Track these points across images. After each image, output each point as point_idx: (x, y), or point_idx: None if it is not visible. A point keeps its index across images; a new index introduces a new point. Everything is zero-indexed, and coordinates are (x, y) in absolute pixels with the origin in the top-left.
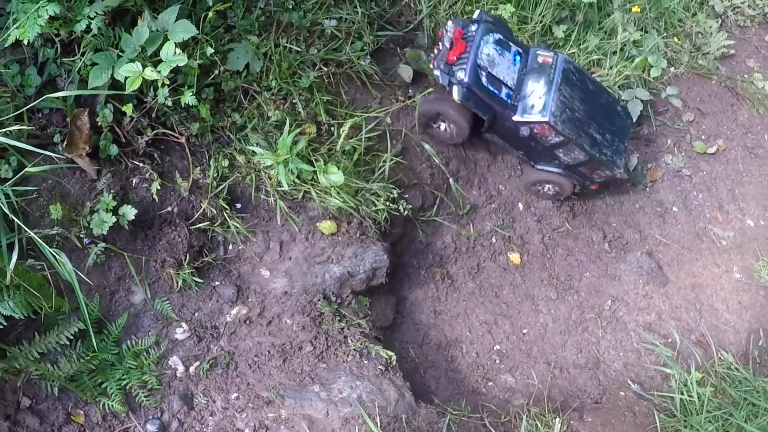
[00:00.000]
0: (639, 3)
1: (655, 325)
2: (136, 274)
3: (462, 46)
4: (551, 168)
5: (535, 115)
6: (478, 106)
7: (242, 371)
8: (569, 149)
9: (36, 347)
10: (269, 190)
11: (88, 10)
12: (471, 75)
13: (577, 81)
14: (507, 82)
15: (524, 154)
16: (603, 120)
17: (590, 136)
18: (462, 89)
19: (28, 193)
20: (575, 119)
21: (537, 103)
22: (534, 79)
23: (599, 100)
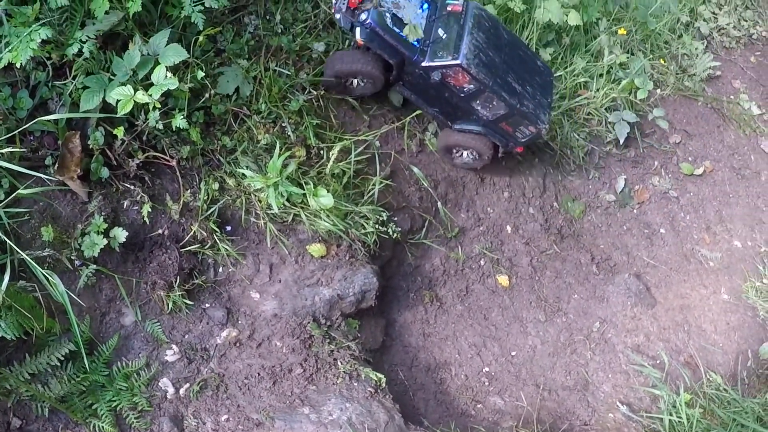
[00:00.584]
0: (625, 25)
1: (643, 347)
2: (127, 296)
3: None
4: (470, 126)
5: (446, 59)
6: (384, 48)
7: (232, 393)
8: (487, 100)
9: (27, 368)
10: (259, 213)
11: (80, 34)
12: (374, 15)
13: (490, 29)
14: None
15: (440, 111)
16: (522, 72)
17: (509, 84)
18: (365, 29)
19: (20, 215)
20: (490, 65)
21: (448, 46)
22: (443, 25)
23: (516, 51)
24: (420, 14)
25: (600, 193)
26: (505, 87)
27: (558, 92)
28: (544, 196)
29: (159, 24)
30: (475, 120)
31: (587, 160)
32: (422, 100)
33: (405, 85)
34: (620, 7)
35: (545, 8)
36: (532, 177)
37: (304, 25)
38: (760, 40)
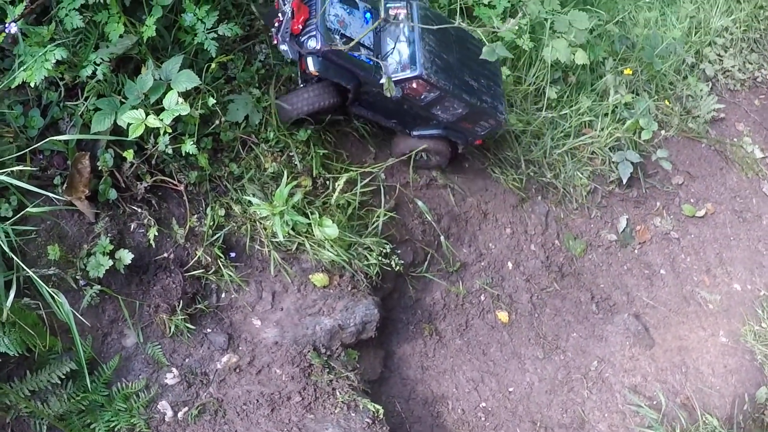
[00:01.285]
0: (631, 65)
1: (640, 387)
2: (130, 317)
3: (305, 12)
4: (429, 131)
5: (404, 73)
6: (340, 75)
7: (230, 419)
8: (447, 104)
9: (27, 385)
10: (264, 240)
11: (94, 56)
12: (323, 40)
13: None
14: (365, 43)
15: (398, 123)
16: (474, 65)
17: (466, 83)
18: (317, 59)
19: (27, 233)
20: (447, 68)
21: (403, 58)
22: (392, 34)
23: (465, 44)
24: (366, 27)
25: (602, 232)
26: (463, 87)
27: (563, 130)
28: (546, 233)
29: (172, 49)
30: (435, 124)
31: (590, 198)
32: (380, 115)
33: (362, 105)
34: (626, 48)
35: (553, 47)
36: (534, 214)
37: None
38: (765, 83)
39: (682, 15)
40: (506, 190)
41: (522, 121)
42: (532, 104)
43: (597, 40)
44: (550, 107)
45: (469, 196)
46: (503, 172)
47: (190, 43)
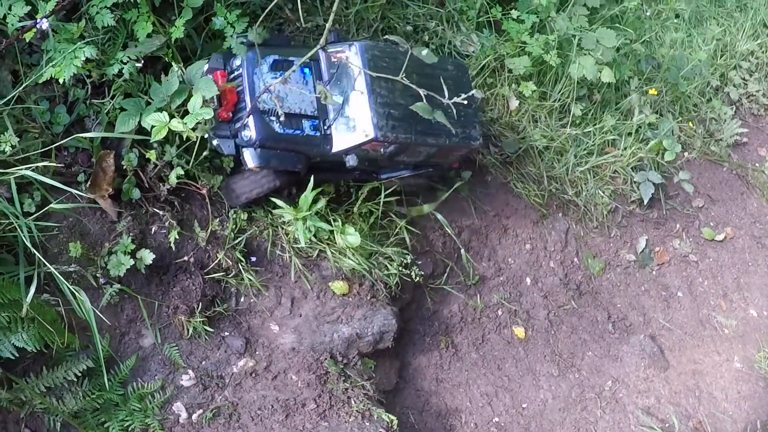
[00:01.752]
0: (656, 86)
1: (653, 409)
2: (148, 318)
3: (233, 95)
4: (398, 173)
5: (357, 137)
6: (285, 160)
7: (244, 423)
8: (412, 151)
9: (43, 381)
10: (285, 246)
11: (122, 55)
12: (259, 128)
13: (389, 65)
14: (307, 112)
15: (362, 174)
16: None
17: (430, 125)
18: (255, 152)
19: (49, 229)
20: (405, 117)
21: (353, 119)
22: (337, 86)
23: (424, 71)
24: (306, 89)
25: (621, 251)
26: (427, 131)
27: (586, 148)
28: (565, 250)
29: (200, 52)
30: (403, 167)
31: (610, 218)
32: (341, 173)
33: (320, 171)
34: (652, 68)
35: (580, 64)
36: (554, 231)
37: None
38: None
39: (709, 37)
40: (527, 205)
41: (546, 137)
42: (557, 120)
43: (623, 59)
44: (575, 124)
45: (491, 210)
46: (525, 188)
47: (218, 46)
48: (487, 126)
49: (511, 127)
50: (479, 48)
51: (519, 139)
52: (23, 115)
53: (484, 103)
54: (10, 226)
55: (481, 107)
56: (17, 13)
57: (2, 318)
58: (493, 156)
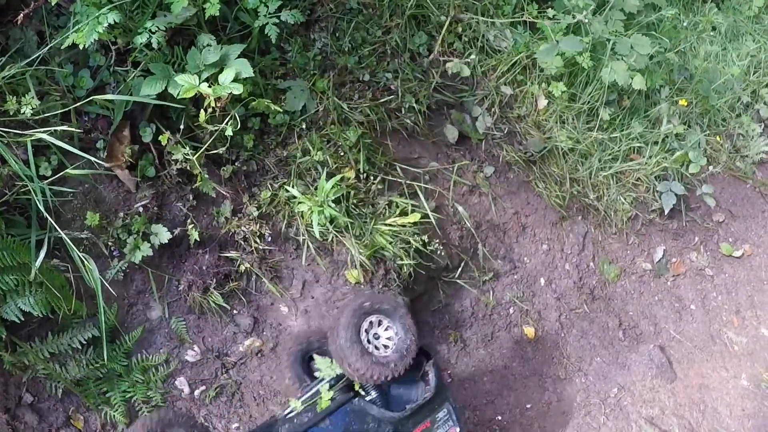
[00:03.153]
0: (687, 97)
1: (657, 419)
2: (157, 291)
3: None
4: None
5: None
6: None
7: (246, 402)
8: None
9: (47, 347)
10: (300, 228)
11: (150, 24)
12: None
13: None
14: None
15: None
16: None
17: None
18: None
19: (63, 194)
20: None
21: None
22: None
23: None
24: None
25: (637, 259)
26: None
27: (611, 153)
28: (581, 254)
29: (230, 29)
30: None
31: (630, 225)
32: None
33: None
34: (684, 78)
35: (612, 68)
36: (572, 233)
37: (372, 48)
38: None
39: (744, 53)
40: (548, 205)
41: (572, 139)
42: (584, 123)
43: (656, 67)
44: (602, 128)
45: (511, 207)
46: (547, 188)
47: (248, 24)
48: (514, 123)
49: (538, 126)
50: (512, 44)
51: (545, 138)
52: (46, 77)
53: (513, 99)
54: (24, 189)
55: None
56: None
57: (10, 280)
58: (517, 153)
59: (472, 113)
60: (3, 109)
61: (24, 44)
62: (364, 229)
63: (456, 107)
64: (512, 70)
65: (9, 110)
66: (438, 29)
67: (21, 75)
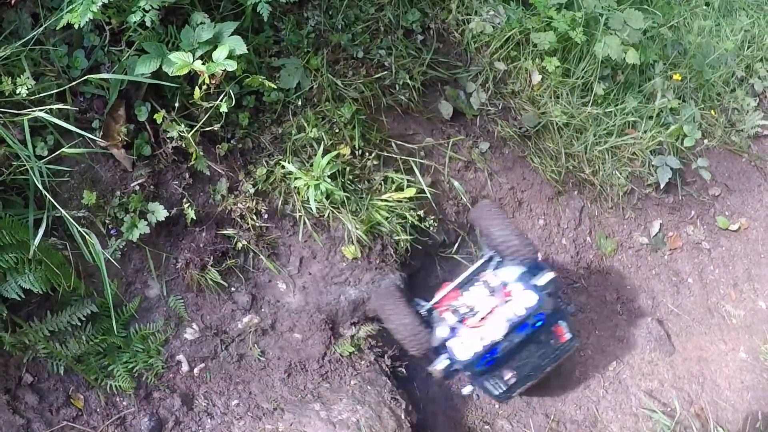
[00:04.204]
0: (681, 71)
1: (656, 392)
2: (155, 269)
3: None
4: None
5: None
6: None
7: (246, 380)
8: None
9: (47, 325)
10: (297, 204)
11: (144, 3)
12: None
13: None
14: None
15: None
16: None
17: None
18: (450, 370)
19: (60, 174)
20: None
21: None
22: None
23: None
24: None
25: (634, 234)
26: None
27: (606, 128)
28: (578, 228)
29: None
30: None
31: (626, 199)
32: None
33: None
34: (678, 53)
35: (606, 43)
36: (569, 208)
37: (366, 25)
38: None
39: (737, 27)
40: (543, 181)
41: (566, 114)
42: (579, 98)
43: (649, 42)
44: (596, 103)
45: (506, 182)
46: (542, 163)
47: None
48: (508, 98)
49: (532, 101)
50: (505, 20)
51: (539, 113)
52: (41, 58)
53: (506, 75)
54: (21, 168)
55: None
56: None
57: (10, 258)
58: (512, 129)
59: (467, 89)
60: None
61: (19, 26)
62: (360, 204)
63: (450, 83)
64: (506, 46)
65: (5, 91)
66: (431, 6)
67: (16, 56)
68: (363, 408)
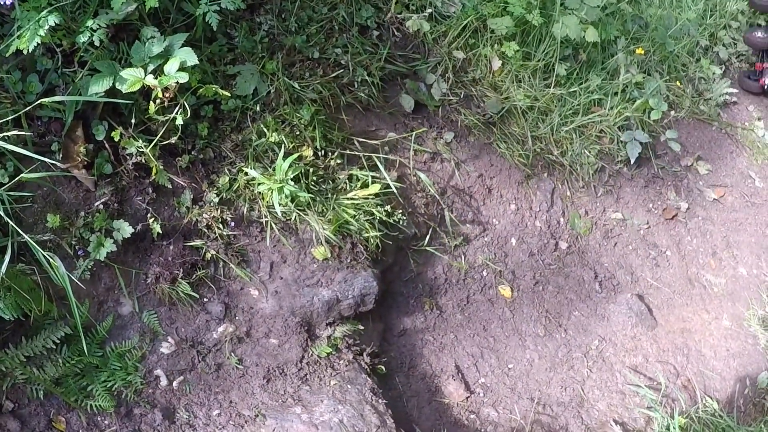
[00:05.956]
0: (643, 45)
1: (641, 368)
2: (125, 286)
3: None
4: None
5: None
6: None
7: (225, 389)
8: None
9: (23, 350)
10: (262, 210)
11: (91, 22)
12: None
13: None
14: None
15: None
16: None
17: None
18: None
19: (23, 199)
20: None
21: None
22: None
23: None
24: None
25: (608, 211)
26: None
27: (571, 108)
28: (551, 210)
29: (174, 20)
30: None
31: (597, 177)
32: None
33: None
34: (639, 27)
35: (563, 23)
36: (540, 191)
37: (320, 25)
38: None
39: None
40: (512, 165)
41: (529, 97)
42: (541, 80)
43: (609, 19)
44: (559, 84)
45: (474, 170)
46: (509, 148)
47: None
48: (469, 86)
49: (494, 87)
50: (460, 8)
51: (502, 99)
52: None
53: (466, 63)
54: None
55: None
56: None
57: None
58: (476, 117)
59: (427, 81)
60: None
61: None
62: (326, 205)
63: (410, 76)
64: (463, 35)
65: None
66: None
67: None
68: (344, 407)
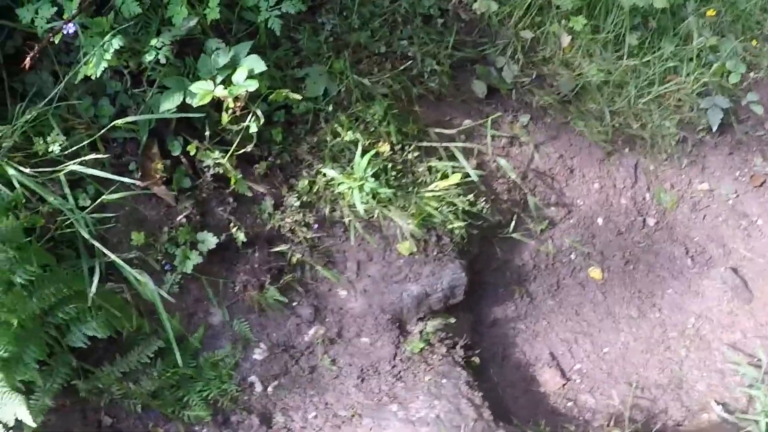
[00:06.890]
0: (714, 6)
1: (740, 344)
2: (214, 296)
3: None
4: None
5: None
6: None
7: (320, 391)
8: None
9: (118, 367)
10: (344, 209)
11: (155, 41)
12: None
13: None
14: None
15: None
16: None
17: None
18: None
19: (106, 221)
20: None
21: None
22: None
23: None
24: None
25: (694, 182)
26: None
27: (647, 78)
28: (635, 186)
29: (236, 29)
30: None
31: (679, 148)
32: None
33: None
34: None
35: None
36: (622, 167)
37: (382, 19)
38: None
39: None
40: (591, 143)
41: (603, 71)
42: (613, 53)
43: None
44: (632, 55)
45: (554, 152)
46: (587, 125)
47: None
48: (540, 66)
49: (566, 64)
50: None
51: (575, 76)
52: (68, 113)
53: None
54: (67, 222)
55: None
56: (44, 15)
57: (70, 310)
58: (550, 96)
59: (497, 64)
60: (32, 151)
61: (41, 86)
62: (407, 199)
63: (479, 61)
64: (528, 13)
65: (38, 151)
66: None
67: (43, 116)
68: (440, 402)
